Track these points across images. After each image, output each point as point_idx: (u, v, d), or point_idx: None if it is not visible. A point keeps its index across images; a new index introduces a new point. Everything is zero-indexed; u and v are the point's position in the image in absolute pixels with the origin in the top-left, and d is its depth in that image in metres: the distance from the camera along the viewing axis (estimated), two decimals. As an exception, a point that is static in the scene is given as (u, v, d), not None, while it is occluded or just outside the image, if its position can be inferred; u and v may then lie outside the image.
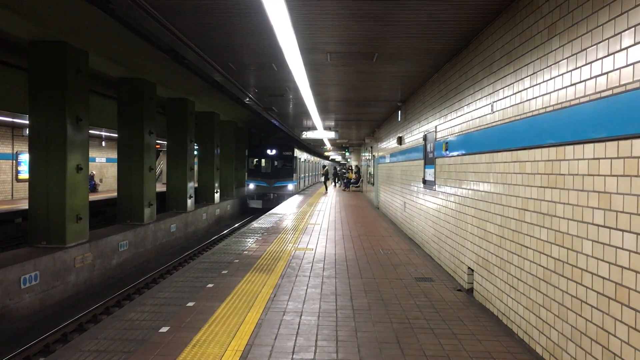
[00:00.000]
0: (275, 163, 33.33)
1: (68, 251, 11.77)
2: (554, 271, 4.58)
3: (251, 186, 32.28)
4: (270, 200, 31.51)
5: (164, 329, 5.59)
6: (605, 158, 3.78)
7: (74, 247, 12.06)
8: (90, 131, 13.44)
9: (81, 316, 10.38)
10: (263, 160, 33.61)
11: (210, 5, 6.34)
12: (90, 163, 14.26)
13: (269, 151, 33.26)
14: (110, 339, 5.30)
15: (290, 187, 32.84)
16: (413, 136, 12.62)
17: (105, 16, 9.71)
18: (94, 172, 31.23)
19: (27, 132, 12.40)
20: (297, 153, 35.23)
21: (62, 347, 5.19)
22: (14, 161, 24.41)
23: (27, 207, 12.46)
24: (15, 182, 24.44)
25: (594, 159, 3.93)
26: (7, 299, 9.68)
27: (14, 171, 24.45)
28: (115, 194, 18.45)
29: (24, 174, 23.67)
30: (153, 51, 12.41)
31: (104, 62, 13.74)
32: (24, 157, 23.91)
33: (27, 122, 13.41)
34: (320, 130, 23.31)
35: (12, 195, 24.31)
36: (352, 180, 38.92)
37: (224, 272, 8.57)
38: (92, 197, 21.00)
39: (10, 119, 21.01)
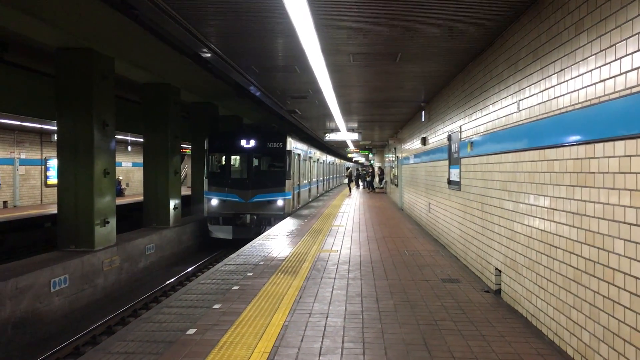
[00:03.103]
0: (255, 162, 20.22)
1: (96, 254, 11.94)
2: (585, 271, 4.50)
3: (214, 202, 19.10)
4: (245, 226, 18.85)
5: (191, 331, 5.62)
6: (636, 155, 3.69)
7: (102, 251, 12.23)
8: (116, 136, 13.63)
9: (110, 318, 10.52)
10: (234, 159, 20.48)
11: (233, 9, 6.38)
12: (116, 168, 14.47)
13: (243, 142, 19.49)
14: (139, 340, 5.35)
15: (280, 202, 19.15)
16: (437, 136, 12.52)
17: (130, 22, 9.84)
18: (121, 177, 31.66)
19: (56, 138, 12.60)
20: (293, 145, 21.00)
21: (92, 350, 5.26)
22: (43, 167, 24.87)
23: (56, 211, 12.68)
24: (44, 187, 24.91)
25: (625, 156, 3.85)
26: (38, 302, 9.85)
27: (43, 176, 24.91)
28: (141, 198, 18.67)
29: (53, 179, 24.10)
30: (176, 56, 12.55)
31: (130, 67, 13.92)
32: (53, 163, 24.35)
33: (55, 128, 13.65)
34: (343, 132, 23.30)
35: (41, 200, 24.77)
36: (367, 179, 39.21)
37: (249, 274, 8.60)
38: (119, 201, 21.28)
39: (38, 126, 21.45)
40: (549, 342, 5.27)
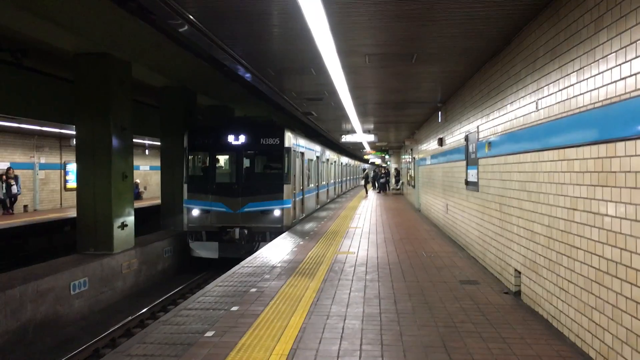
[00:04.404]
0: (246, 163, 16.61)
1: (115, 257, 12.03)
2: (607, 272, 4.42)
3: (195, 213, 15.57)
4: (234, 243, 15.28)
5: (210, 333, 5.64)
6: (659, 154, 3.63)
7: (121, 254, 12.33)
8: (134, 140, 13.75)
9: (129, 321, 10.58)
10: (222, 159, 17.25)
11: (248, 12, 6.39)
12: (134, 171, 14.58)
13: (231, 138, 15.85)
14: (157, 343, 5.38)
15: (277, 212, 15.48)
16: (454, 137, 12.45)
17: (147, 26, 9.92)
18: (138, 180, 31.88)
19: (74, 143, 12.76)
20: (293, 142, 17.05)
21: (111, 352, 5.29)
22: (62, 171, 25.15)
23: (75, 215, 12.81)
24: (63, 191, 25.17)
25: (647, 155, 3.78)
26: (58, 305, 9.96)
27: (62, 180, 25.18)
28: (159, 202, 18.80)
29: (72, 183, 24.37)
30: (192, 59, 12.63)
31: (146, 72, 14.03)
32: (72, 167, 24.62)
33: (73, 132, 13.83)
34: (359, 134, 23.26)
35: (60, 204, 25.04)
36: (381, 181, 38.66)
37: (266, 276, 8.61)
38: (137, 204, 21.44)
39: (57, 130, 21.67)
40: (571, 344, 5.20)
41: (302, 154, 18.98)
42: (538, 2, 5.91)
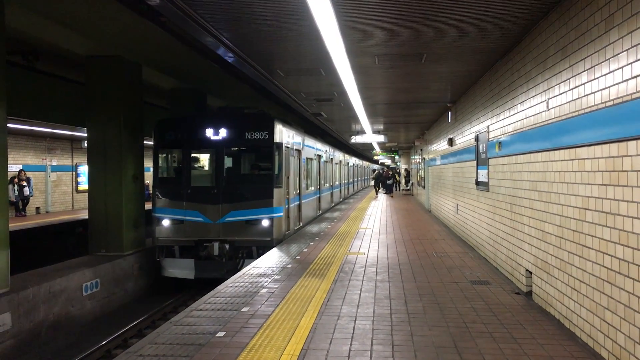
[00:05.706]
0: (228, 163, 14.06)
1: (126, 258, 12.11)
2: (619, 272, 4.40)
3: (165, 223, 12.71)
4: (213, 260, 12.49)
5: (221, 334, 5.66)
6: (672, 152, 3.60)
7: (132, 255, 12.40)
8: (144, 141, 13.82)
9: (140, 321, 10.64)
10: (202, 159, 14.59)
11: (258, 13, 6.40)
12: (145, 173, 14.66)
13: (209, 132, 12.93)
14: (169, 343, 5.41)
15: (265, 222, 12.60)
16: (464, 137, 12.41)
17: (157, 29, 9.97)
18: (149, 182, 31.99)
19: (86, 145, 12.86)
20: (286, 137, 13.93)
21: (123, 353, 5.32)
22: (74, 173, 25.33)
23: (86, 216, 12.89)
24: (75, 193, 25.35)
25: (659, 153, 3.76)
26: (70, 306, 10.03)
27: (74, 182, 25.36)
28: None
29: (84, 185, 24.52)
30: (202, 61, 12.67)
31: (156, 74, 14.10)
32: (83, 169, 24.78)
33: (85, 134, 13.91)
34: (369, 134, 23.22)
35: (72, 205, 25.22)
36: (388, 182, 36.66)
37: (276, 277, 8.63)
38: (148, 206, 21.53)
39: (69, 132, 21.85)
40: (583, 345, 5.17)
41: (299, 151, 16.06)
42: (548, 1, 5.89)
